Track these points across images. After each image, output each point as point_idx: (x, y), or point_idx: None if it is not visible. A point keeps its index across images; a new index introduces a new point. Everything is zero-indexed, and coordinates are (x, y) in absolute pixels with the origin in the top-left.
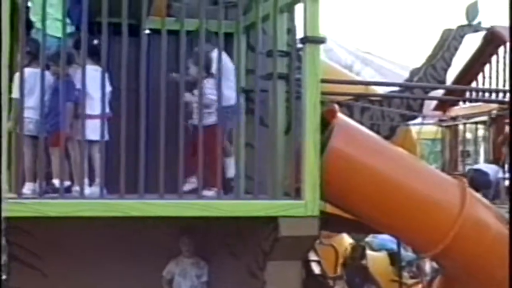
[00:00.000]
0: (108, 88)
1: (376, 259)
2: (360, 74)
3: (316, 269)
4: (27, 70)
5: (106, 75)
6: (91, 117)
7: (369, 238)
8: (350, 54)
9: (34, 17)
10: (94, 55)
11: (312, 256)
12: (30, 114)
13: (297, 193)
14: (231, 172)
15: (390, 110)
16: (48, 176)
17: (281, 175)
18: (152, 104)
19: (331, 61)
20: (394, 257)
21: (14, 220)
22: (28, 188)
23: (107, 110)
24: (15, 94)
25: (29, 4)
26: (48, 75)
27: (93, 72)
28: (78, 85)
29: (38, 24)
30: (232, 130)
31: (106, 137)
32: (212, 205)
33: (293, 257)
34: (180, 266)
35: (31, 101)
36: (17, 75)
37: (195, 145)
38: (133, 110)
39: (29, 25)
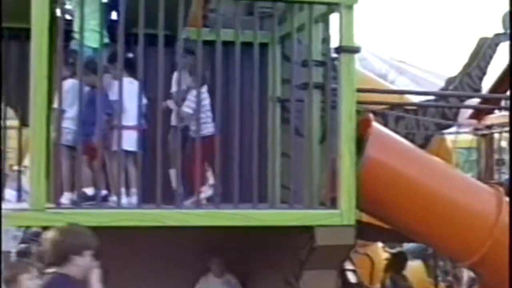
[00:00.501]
0: (144, 101)
1: (411, 268)
2: (394, 83)
3: (351, 278)
4: (70, 81)
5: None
6: (126, 128)
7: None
8: (384, 63)
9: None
10: (129, 67)
11: (348, 265)
12: (69, 124)
13: (332, 203)
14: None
15: (425, 119)
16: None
17: (317, 185)
18: None
19: (365, 70)
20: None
21: None
22: (66, 197)
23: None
24: (56, 104)
25: (67, 16)
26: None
27: (128, 84)
28: (112, 97)
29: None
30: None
31: (140, 148)
32: (248, 215)
33: (329, 266)
34: (211, 286)
35: (71, 112)
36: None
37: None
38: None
39: (68, 36)
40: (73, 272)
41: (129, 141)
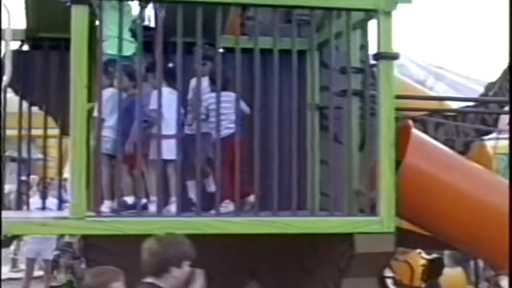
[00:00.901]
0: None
1: (451, 275)
2: (433, 89)
3: (391, 285)
4: (109, 90)
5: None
6: (164, 137)
7: None
8: (422, 69)
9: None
10: (168, 77)
11: (388, 273)
12: (108, 133)
13: (372, 210)
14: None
15: (464, 125)
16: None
17: (356, 192)
18: None
19: (404, 76)
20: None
21: (92, 237)
22: (106, 206)
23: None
24: (96, 113)
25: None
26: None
27: (167, 94)
28: (151, 106)
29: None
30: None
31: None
32: (288, 222)
33: (368, 274)
34: None
35: (111, 121)
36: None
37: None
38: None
39: None
40: (170, 283)
41: (168, 150)
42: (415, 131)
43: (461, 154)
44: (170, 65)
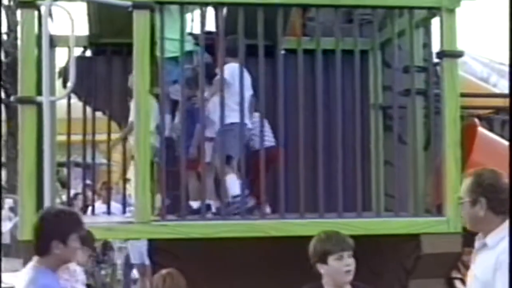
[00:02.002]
0: None
1: None
2: (496, 87)
3: (460, 287)
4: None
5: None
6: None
7: None
8: (485, 67)
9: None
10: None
11: (455, 274)
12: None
13: (438, 210)
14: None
15: None
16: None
17: (422, 192)
18: (289, 124)
19: (467, 74)
20: None
21: (158, 241)
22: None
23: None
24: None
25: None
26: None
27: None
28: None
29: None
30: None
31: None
32: (353, 224)
33: (436, 275)
34: None
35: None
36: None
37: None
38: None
39: None
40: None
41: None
42: (481, 130)
43: None
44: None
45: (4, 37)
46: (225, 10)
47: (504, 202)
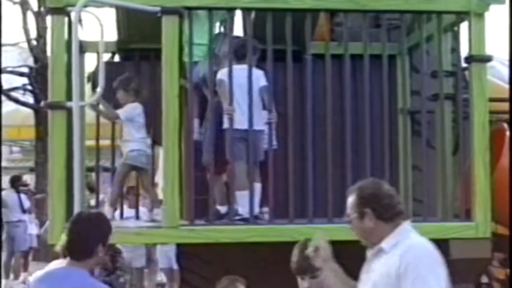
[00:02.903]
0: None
1: None
2: None
3: None
4: (138, 106)
5: None
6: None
7: None
8: None
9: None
10: None
11: (485, 279)
12: (141, 146)
13: (467, 215)
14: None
15: None
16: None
17: (450, 197)
18: (317, 129)
19: (495, 78)
20: None
21: (186, 246)
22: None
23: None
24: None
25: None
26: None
27: None
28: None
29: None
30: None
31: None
32: None
33: (465, 280)
34: None
35: (141, 134)
36: None
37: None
38: (299, 136)
39: None
40: None
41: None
42: (509, 134)
43: None
44: None
45: (34, 43)
46: (253, 14)
47: (389, 208)
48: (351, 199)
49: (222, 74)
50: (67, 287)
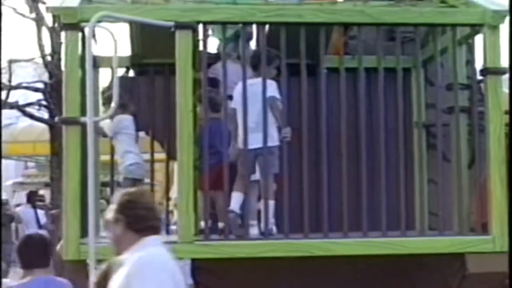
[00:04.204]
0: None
1: None
2: None
3: None
4: (129, 119)
5: None
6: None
7: None
8: None
9: None
10: None
11: None
12: (134, 160)
13: (484, 229)
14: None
15: None
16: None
17: (467, 211)
18: (331, 143)
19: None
20: None
21: (201, 260)
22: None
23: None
24: None
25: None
26: None
27: None
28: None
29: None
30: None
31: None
32: (397, 243)
33: None
34: None
35: (136, 148)
36: None
37: None
38: (314, 150)
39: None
40: None
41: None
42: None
43: None
44: None
45: (49, 58)
46: (267, 28)
47: (142, 220)
48: (113, 203)
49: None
50: None
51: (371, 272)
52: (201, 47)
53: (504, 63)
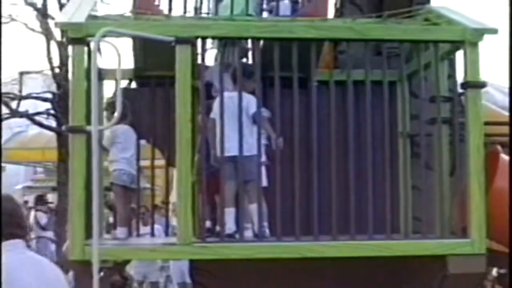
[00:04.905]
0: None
1: None
2: None
3: None
4: (125, 127)
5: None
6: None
7: None
8: (506, 96)
9: None
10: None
11: None
12: (124, 166)
13: (463, 232)
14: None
15: None
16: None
17: (448, 215)
18: (322, 151)
19: (489, 103)
20: None
21: (199, 261)
22: (121, 232)
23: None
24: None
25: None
26: None
27: None
28: None
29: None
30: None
31: (265, 183)
32: (383, 245)
33: None
34: None
35: (127, 154)
36: None
37: None
38: (305, 158)
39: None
40: None
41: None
42: (503, 156)
43: None
44: None
45: (57, 70)
46: (261, 43)
47: (5, 226)
48: None
49: (214, 113)
50: None
51: (359, 274)
52: (199, 60)
53: (483, 77)
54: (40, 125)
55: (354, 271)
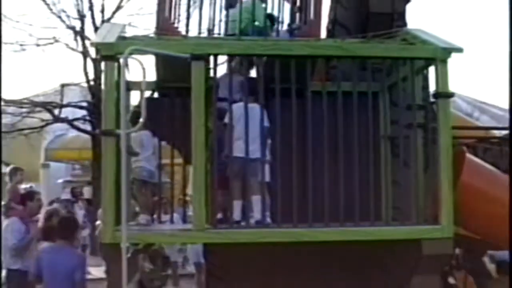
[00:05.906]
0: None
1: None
2: (479, 121)
3: (451, 280)
4: (145, 133)
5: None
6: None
7: None
8: (469, 104)
9: None
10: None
11: (452, 281)
12: (144, 164)
13: (435, 220)
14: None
15: (507, 149)
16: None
17: (422, 205)
18: (315, 151)
19: (455, 110)
20: None
21: (211, 245)
22: (143, 218)
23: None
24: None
25: None
26: None
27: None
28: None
29: None
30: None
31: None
32: (367, 231)
33: (433, 272)
34: None
35: (147, 153)
36: None
37: None
38: (301, 157)
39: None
40: None
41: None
42: (468, 155)
43: (505, 173)
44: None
45: (92, 83)
46: (264, 59)
47: None
48: None
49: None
50: None
51: (347, 256)
52: (211, 74)
53: (452, 88)
54: (78, 129)
55: (342, 253)
